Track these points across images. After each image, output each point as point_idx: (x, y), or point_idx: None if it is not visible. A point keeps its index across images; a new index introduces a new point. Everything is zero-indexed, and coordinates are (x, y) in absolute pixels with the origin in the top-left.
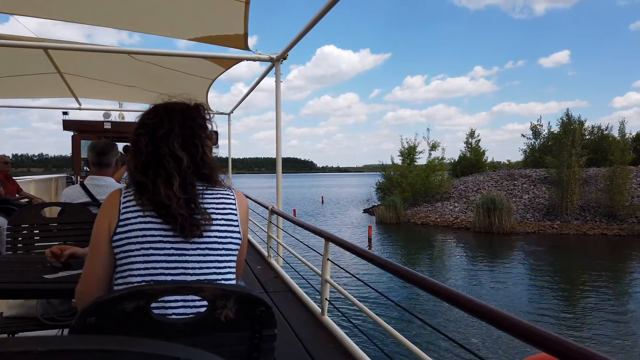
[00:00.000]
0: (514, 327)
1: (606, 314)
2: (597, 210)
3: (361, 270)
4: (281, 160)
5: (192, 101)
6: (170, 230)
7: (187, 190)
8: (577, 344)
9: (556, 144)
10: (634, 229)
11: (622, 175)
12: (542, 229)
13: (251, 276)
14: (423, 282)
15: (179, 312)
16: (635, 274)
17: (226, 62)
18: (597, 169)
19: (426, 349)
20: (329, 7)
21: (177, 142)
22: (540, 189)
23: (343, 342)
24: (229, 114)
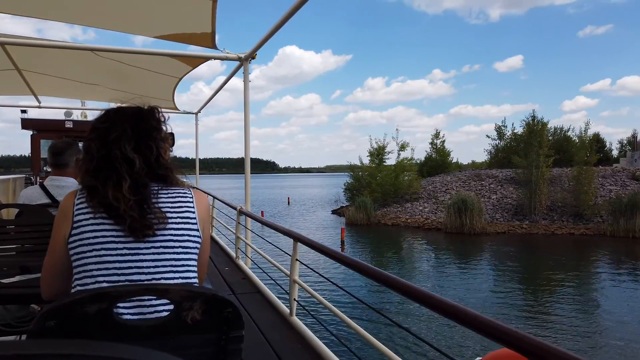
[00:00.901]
0: (477, 323)
1: (571, 312)
2: (564, 210)
3: (331, 271)
4: (249, 161)
5: (146, 105)
6: (122, 230)
7: (138, 191)
8: (536, 338)
9: (523, 145)
10: (599, 228)
11: (587, 176)
12: (512, 229)
13: (219, 278)
14: (390, 281)
15: (134, 312)
16: (600, 273)
17: (193, 61)
18: (560, 169)
19: (394, 348)
20: (298, 5)
21: (130, 145)
22: (507, 189)
23: (311, 342)
24: (196, 114)
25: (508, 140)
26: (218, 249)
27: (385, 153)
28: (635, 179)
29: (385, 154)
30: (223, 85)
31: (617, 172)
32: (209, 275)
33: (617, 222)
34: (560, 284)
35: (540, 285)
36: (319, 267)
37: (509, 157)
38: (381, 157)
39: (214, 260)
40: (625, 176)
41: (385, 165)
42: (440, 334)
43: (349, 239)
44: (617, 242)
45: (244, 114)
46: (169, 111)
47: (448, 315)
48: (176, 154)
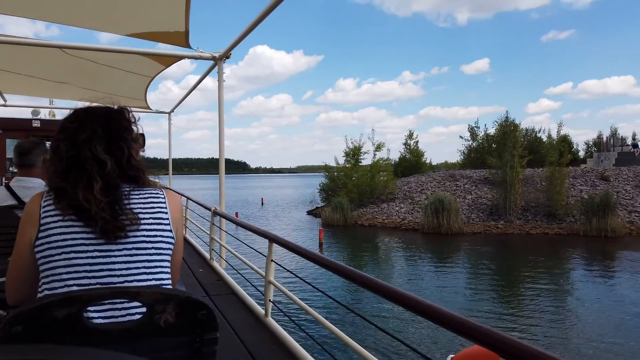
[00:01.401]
0: (449, 321)
1: (545, 311)
2: (537, 210)
3: (306, 272)
4: (224, 161)
5: (116, 104)
6: (92, 232)
7: (110, 192)
8: (506, 334)
9: (496, 146)
10: (572, 227)
11: (560, 176)
12: (488, 229)
13: (193, 280)
14: (365, 281)
15: (105, 315)
16: (574, 272)
17: (166, 60)
18: (532, 170)
19: (370, 347)
20: (274, 5)
21: (101, 146)
22: (482, 190)
23: (287, 343)
24: (169, 113)
25: (481, 141)
26: (192, 251)
27: (361, 153)
28: (604, 179)
29: (361, 154)
30: (197, 85)
31: (587, 173)
32: (182, 277)
33: (589, 222)
34: (536, 284)
35: (517, 285)
36: (294, 268)
37: (482, 158)
38: (357, 157)
39: (188, 261)
40: (594, 176)
41: (361, 165)
42: (415, 333)
43: (326, 241)
44: (589, 242)
45: (219, 114)
46: (141, 111)
47: (422, 314)
48: (144, 154)
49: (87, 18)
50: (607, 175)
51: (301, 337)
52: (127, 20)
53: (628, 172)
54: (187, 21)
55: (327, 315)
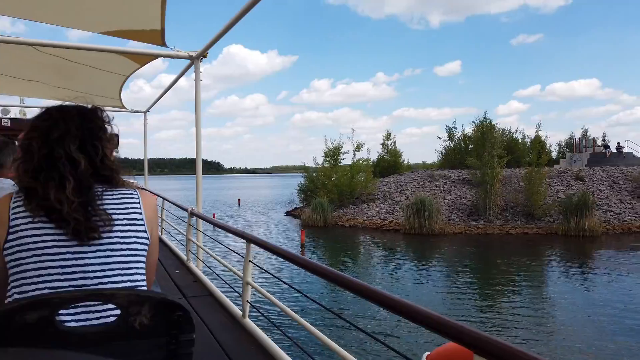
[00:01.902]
0: (425, 319)
1: (525, 309)
2: (516, 210)
3: (285, 272)
4: (201, 162)
5: (90, 103)
6: (64, 234)
7: (82, 193)
8: (478, 331)
9: (474, 146)
10: (551, 227)
11: (539, 177)
12: (469, 230)
13: (169, 281)
14: (342, 280)
15: (78, 318)
16: (554, 272)
17: (141, 58)
18: (509, 170)
19: (348, 347)
20: (252, 4)
21: (74, 145)
22: (461, 190)
23: (265, 344)
24: (145, 113)
25: (458, 141)
26: (168, 252)
27: (341, 153)
28: (579, 179)
29: (341, 154)
30: (173, 84)
31: (562, 173)
32: (158, 279)
33: (568, 222)
34: (518, 284)
35: (500, 285)
36: (272, 269)
37: (461, 158)
38: (337, 157)
39: (164, 263)
40: (569, 176)
41: (341, 165)
42: (392, 332)
43: (308, 242)
44: (569, 241)
45: (195, 114)
46: (116, 110)
47: (398, 312)
48: (118, 154)
49: (58, 14)
50: (582, 176)
51: (279, 338)
52: (101, 18)
53: (602, 173)
54: (162, 19)
55: (305, 315)
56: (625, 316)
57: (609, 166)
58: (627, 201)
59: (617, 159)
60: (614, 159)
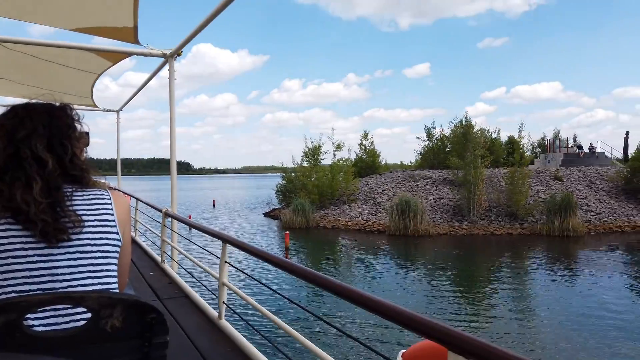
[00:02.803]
0: (400, 317)
1: (509, 310)
2: (499, 211)
3: (262, 273)
4: (175, 162)
5: (58, 101)
6: (32, 236)
7: (50, 193)
8: (453, 328)
9: (456, 146)
10: (535, 227)
11: (522, 177)
12: (454, 230)
13: (143, 283)
14: (318, 279)
15: (47, 322)
16: (540, 273)
17: (114, 56)
18: (489, 170)
19: (325, 346)
20: (228, 2)
21: (41, 144)
22: (443, 190)
23: (241, 345)
24: (118, 112)
25: (437, 141)
26: (142, 254)
27: (321, 153)
28: (557, 179)
29: (321, 154)
30: (146, 83)
31: (541, 173)
32: (132, 281)
33: (552, 222)
34: (505, 285)
35: (487, 286)
36: (249, 269)
37: (441, 158)
38: (317, 157)
39: (138, 265)
40: (548, 176)
41: (321, 165)
42: (368, 330)
43: (291, 245)
44: (554, 242)
45: (170, 113)
46: (88, 109)
47: (373, 311)
48: (87, 154)
49: (22, 9)
50: (560, 176)
51: (256, 338)
52: (72, 14)
53: (578, 172)
54: (135, 17)
55: (282, 316)
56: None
57: (584, 166)
58: (606, 201)
59: (590, 159)
60: (587, 159)
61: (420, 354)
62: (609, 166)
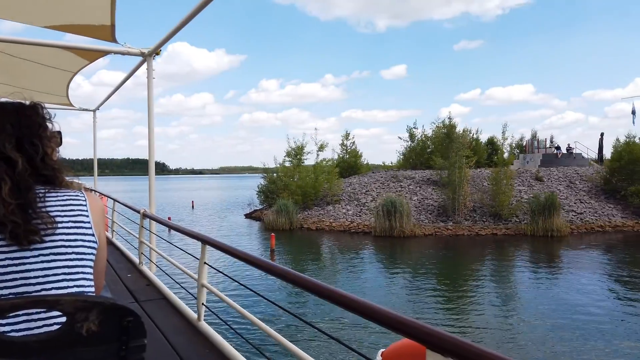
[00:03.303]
0: (379, 316)
1: (493, 310)
2: (483, 211)
3: (243, 274)
4: (154, 162)
5: (28, 100)
6: (2, 239)
7: (21, 194)
8: (431, 327)
9: (440, 146)
10: (519, 228)
11: (506, 177)
12: (439, 231)
13: (120, 285)
14: (298, 280)
15: (20, 327)
16: (520, 273)
17: (90, 54)
18: (472, 170)
19: (305, 346)
20: (209, 0)
21: (10, 143)
22: (426, 190)
23: (220, 346)
24: (94, 111)
25: (419, 141)
26: (119, 255)
27: (304, 153)
28: (538, 180)
29: (304, 154)
30: (124, 82)
31: (522, 173)
32: (109, 283)
33: (536, 222)
34: (491, 285)
35: (476, 287)
36: (229, 270)
37: (424, 158)
38: (299, 157)
39: (115, 267)
40: (529, 177)
41: (304, 165)
42: (348, 330)
43: (276, 247)
44: (538, 242)
45: (148, 113)
46: (64, 108)
47: (353, 310)
48: (59, 154)
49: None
50: (541, 176)
51: (236, 340)
52: (48, 11)
53: (558, 173)
54: (113, 14)
55: (262, 316)
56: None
57: (562, 167)
58: (586, 201)
59: (567, 159)
60: (565, 159)
61: (400, 353)
62: (586, 167)
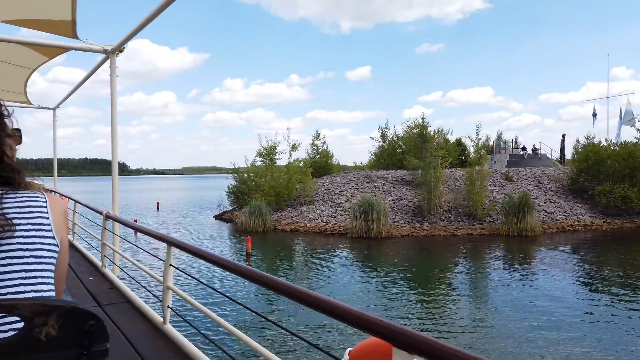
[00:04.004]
0: (346, 314)
1: (469, 309)
2: (458, 211)
3: (210, 275)
4: (117, 163)
5: None
6: None
7: None
8: (397, 324)
9: (413, 146)
10: (494, 228)
11: (480, 177)
12: (415, 232)
13: (82, 289)
14: (262, 279)
15: None
16: (497, 273)
17: (50, 51)
18: (444, 171)
19: (273, 348)
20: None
21: None
22: (400, 191)
23: (186, 349)
24: (55, 109)
25: (391, 141)
26: (81, 258)
27: (277, 153)
28: (508, 180)
29: (277, 153)
30: (86, 79)
31: (492, 174)
32: (69, 287)
33: (510, 222)
34: (470, 286)
35: (457, 287)
36: (196, 272)
37: (394, 159)
38: (272, 157)
39: (76, 270)
40: (499, 177)
41: (276, 165)
42: (317, 330)
43: (243, 250)
44: (513, 241)
45: (111, 112)
46: (22, 105)
47: (319, 309)
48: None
49: None
50: (511, 176)
51: (203, 342)
52: (5, 5)
53: (526, 173)
54: (74, 10)
55: (230, 317)
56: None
57: (529, 167)
58: (555, 200)
59: (533, 160)
60: (531, 160)
61: (367, 351)
62: (552, 167)
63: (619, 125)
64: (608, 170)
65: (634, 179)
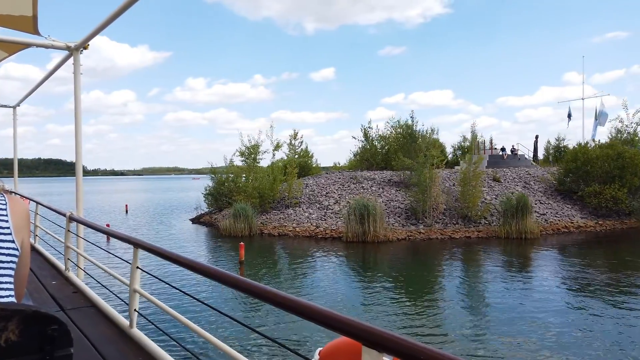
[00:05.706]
0: (316, 315)
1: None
2: (452, 213)
3: (178, 277)
4: (82, 163)
5: None
6: None
7: None
8: (366, 323)
9: (400, 147)
10: (490, 230)
11: (475, 178)
12: (412, 235)
13: (44, 293)
14: (229, 280)
15: None
16: (503, 278)
17: (10, 47)
18: (434, 171)
19: (243, 349)
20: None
21: None
22: (390, 192)
23: (154, 353)
24: (15, 107)
25: (373, 140)
26: (43, 262)
27: (260, 152)
28: (496, 180)
29: (260, 153)
30: (48, 77)
31: (481, 175)
32: (31, 292)
33: (509, 224)
34: (478, 293)
35: (463, 294)
36: (164, 274)
37: (377, 159)
38: (254, 156)
39: (38, 274)
40: (487, 178)
41: (259, 166)
42: (287, 331)
43: (235, 258)
44: (512, 244)
45: (75, 111)
46: None
47: (290, 310)
48: None
49: None
50: (499, 177)
51: (170, 345)
52: None
53: (512, 173)
54: (35, 5)
55: (199, 320)
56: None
57: (511, 167)
58: (544, 201)
59: (513, 160)
60: (510, 160)
61: (337, 351)
62: (531, 167)
63: (595, 125)
64: (597, 171)
65: (623, 179)
